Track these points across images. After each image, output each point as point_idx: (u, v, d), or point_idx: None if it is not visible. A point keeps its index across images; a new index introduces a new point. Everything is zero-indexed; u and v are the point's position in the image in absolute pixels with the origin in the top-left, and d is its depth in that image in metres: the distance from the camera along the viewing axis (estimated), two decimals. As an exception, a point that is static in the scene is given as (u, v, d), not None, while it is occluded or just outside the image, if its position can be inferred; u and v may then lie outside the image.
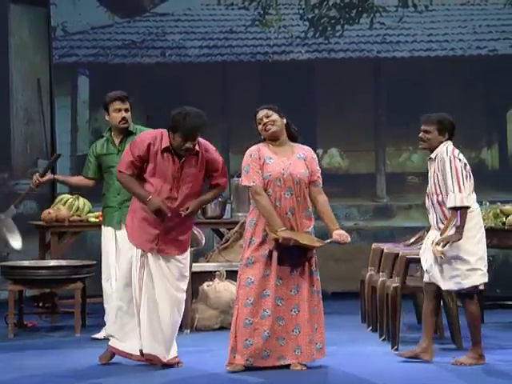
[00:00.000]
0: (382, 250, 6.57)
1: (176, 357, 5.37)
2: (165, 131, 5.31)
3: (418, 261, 6.24)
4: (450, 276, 5.31)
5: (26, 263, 6.83)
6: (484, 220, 6.90)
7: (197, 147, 5.31)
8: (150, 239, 5.31)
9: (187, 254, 5.46)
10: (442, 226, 5.31)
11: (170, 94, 8.94)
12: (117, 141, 6.16)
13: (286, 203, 5.19)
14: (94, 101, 9.03)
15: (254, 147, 5.35)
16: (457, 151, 5.40)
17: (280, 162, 5.23)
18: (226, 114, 9.03)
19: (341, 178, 9.05)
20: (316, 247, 5.24)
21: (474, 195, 5.41)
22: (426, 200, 5.49)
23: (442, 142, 5.43)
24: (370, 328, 6.66)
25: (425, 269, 5.46)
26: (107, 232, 6.16)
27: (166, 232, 5.30)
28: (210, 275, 6.88)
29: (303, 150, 5.35)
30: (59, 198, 7.47)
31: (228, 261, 7.36)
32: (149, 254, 5.33)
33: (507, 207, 6.73)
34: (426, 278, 5.50)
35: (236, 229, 7.62)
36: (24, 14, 8.94)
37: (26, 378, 5.18)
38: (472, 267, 5.28)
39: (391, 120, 9.18)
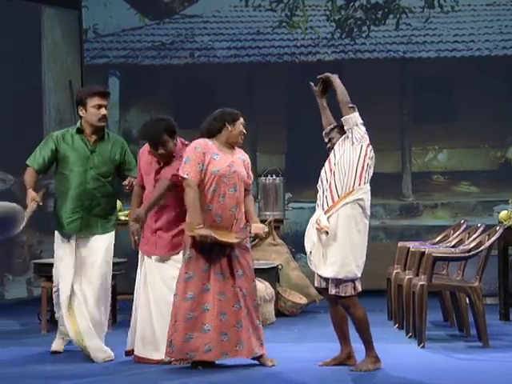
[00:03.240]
0: (408, 249, 6.62)
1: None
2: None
3: (444, 259, 6.30)
4: (328, 262, 5.09)
5: (58, 261, 6.93)
6: (510, 219, 6.96)
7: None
8: (144, 241, 5.47)
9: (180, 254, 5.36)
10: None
11: (198, 95, 9.03)
12: (90, 140, 5.57)
13: (231, 199, 5.24)
14: (124, 101, 9.14)
15: (201, 141, 5.29)
16: None
17: (225, 159, 5.28)
18: (254, 114, 9.09)
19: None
20: (234, 243, 5.23)
21: (368, 186, 5.21)
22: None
23: None
24: (397, 325, 6.69)
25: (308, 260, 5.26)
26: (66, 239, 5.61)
27: (152, 232, 5.43)
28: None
29: (241, 153, 5.44)
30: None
31: (256, 259, 7.44)
32: (145, 256, 5.49)
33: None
34: (317, 283, 5.29)
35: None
36: (56, 16, 9.06)
37: (58, 372, 5.27)
38: (346, 256, 5.05)
39: (417, 120, 9.20)
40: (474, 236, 6.26)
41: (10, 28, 8.55)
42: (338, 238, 5.10)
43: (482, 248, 5.98)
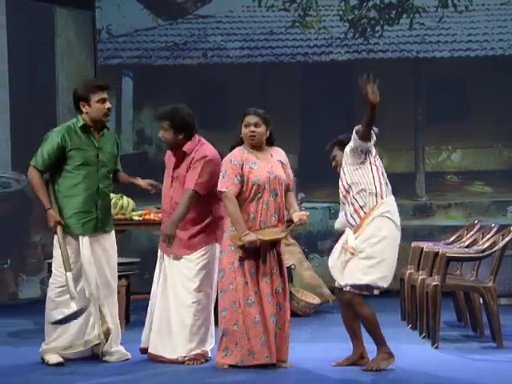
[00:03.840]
0: (422, 249, 6.61)
1: (185, 356, 5.40)
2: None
3: (457, 259, 6.28)
4: (349, 270, 5.10)
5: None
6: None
7: (187, 148, 5.42)
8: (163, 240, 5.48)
9: (197, 253, 5.42)
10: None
11: (211, 95, 9.05)
12: (96, 137, 5.40)
13: (273, 205, 5.28)
14: (137, 102, 9.17)
15: (237, 153, 5.31)
16: None
17: (264, 166, 5.31)
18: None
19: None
20: (282, 238, 5.29)
21: (392, 197, 5.25)
22: None
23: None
24: (410, 326, 6.69)
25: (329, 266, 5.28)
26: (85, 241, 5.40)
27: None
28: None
29: (278, 154, 5.43)
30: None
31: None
32: (164, 256, 5.51)
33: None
34: (336, 283, 5.28)
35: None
36: (70, 16, 9.09)
37: (70, 370, 5.28)
38: (373, 265, 5.07)
39: (430, 119, 9.18)
40: (488, 236, 6.25)
41: (24, 28, 8.59)
42: (366, 252, 5.11)
43: (495, 248, 5.96)
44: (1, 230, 8.36)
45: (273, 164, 5.34)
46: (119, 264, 6.72)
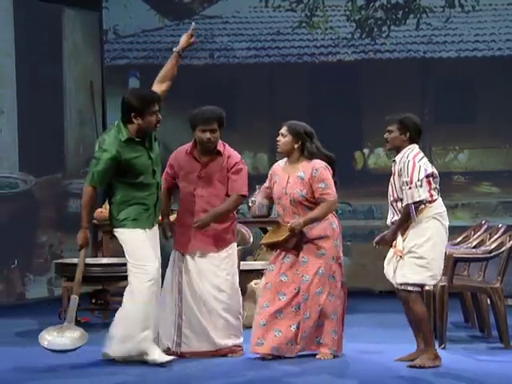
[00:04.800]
0: (429, 249, 6.58)
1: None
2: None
3: (465, 260, 6.26)
4: (399, 269, 5.22)
5: (79, 261, 6.97)
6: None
7: (220, 148, 5.61)
8: (187, 239, 5.57)
9: (225, 251, 5.61)
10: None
11: (218, 95, 9.04)
12: (148, 144, 5.46)
13: (289, 219, 5.49)
14: (144, 102, 9.16)
15: (278, 163, 5.70)
16: (420, 156, 5.30)
17: (282, 180, 5.57)
18: (274, 115, 9.09)
19: (387, 178, 9.00)
20: (280, 241, 5.47)
21: (440, 199, 5.31)
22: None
23: (403, 142, 5.33)
24: (417, 326, 6.68)
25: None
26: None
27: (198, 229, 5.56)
28: (257, 273, 6.96)
29: (306, 168, 5.52)
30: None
31: (265, 260, 7.43)
32: (187, 256, 5.60)
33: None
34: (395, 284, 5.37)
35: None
36: (77, 17, 9.10)
37: (78, 372, 5.29)
38: (423, 265, 5.18)
39: (438, 120, 9.16)
40: (496, 237, 6.23)
41: (31, 29, 8.60)
42: (413, 250, 5.20)
43: (503, 249, 5.95)
44: (8, 230, 8.38)
45: (292, 180, 5.52)
46: (125, 265, 6.74)
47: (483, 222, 7.02)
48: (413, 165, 5.20)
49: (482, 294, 6.23)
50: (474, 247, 6.44)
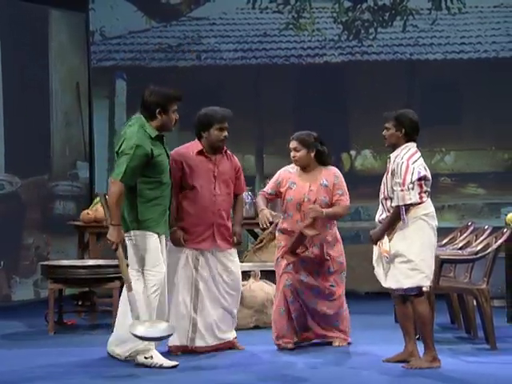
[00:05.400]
0: (416, 251, 6.58)
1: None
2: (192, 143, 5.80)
3: (451, 261, 6.27)
4: (391, 274, 5.24)
5: (65, 263, 6.95)
6: (517, 222, 6.93)
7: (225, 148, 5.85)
8: (204, 238, 5.72)
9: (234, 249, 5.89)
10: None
11: (205, 97, 9.02)
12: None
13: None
14: (131, 104, 9.13)
15: (286, 169, 5.94)
16: (415, 157, 5.28)
17: (302, 187, 5.77)
18: (260, 116, 9.10)
19: (374, 179, 9.00)
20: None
21: (429, 200, 5.31)
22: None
23: (399, 139, 5.32)
24: (404, 328, 6.67)
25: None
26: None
27: (218, 227, 5.74)
28: (244, 275, 6.96)
29: (327, 176, 5.80)
30: (97, 198, 7.53)
31: (262, 261, 7.42)
32: (200, 253, 5.74)
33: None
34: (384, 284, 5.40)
35: (270, 229, 7.68)
36: (63, 18, 9.06)
37: (65, 374, 5.27)
38: (414, 268, 5.19)
39: (424, 122, 9.08)
40: (482, 238, 6.25)
41: (17, 31, 8.56)
42: (402, 253, 5.21)
43: (489, 250, 5.96)
44: (-6, 232, 8.35)
45: (315, 188, 5.73)
46: (112, 266, 6.72)
47: (469, 223, 7.04)
48: (406, 167, 5.20)
49: (468, 295, 6.24)
50: (461, 248, 6.46)
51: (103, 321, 6.98)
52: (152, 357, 5.33)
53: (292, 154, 5.84)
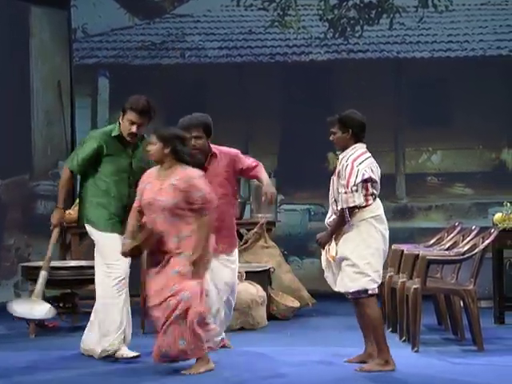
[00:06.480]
0: (402, 251, 6.55)
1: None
2: None
3: (438, 262, 6.23)
4: (340, 278, 5.26)
5: (46, 264, 6.86)
6: (505, 221, 6.90)
7: (215, 151, 5.79)
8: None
9: (235, 252, 5.91)
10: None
11: (189, 95, 8.96)
12: (130, 145, 5.75)
13: (159, 226, 5.26)
14: (114, 102, 9.05)
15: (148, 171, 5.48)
16: (361, 159, 5.23)
17: (154, 187, 5.35)
18: (245, 115, 9.03)
19: (360, 179, 9.02)
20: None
21: (378, 201, 5.27)
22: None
23: (348, 140, 5.28)
24: (390, 329, 6.62)
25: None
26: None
27: (217, 231, 5.61)
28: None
29: (179, 176, 5.31)
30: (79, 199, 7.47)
31: (247, 262, 7.37)
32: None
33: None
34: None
35: (255, 230, 7.64)
36: (45, 16, 8.98)
37: (47, 377, 5.22)
38: (359, 271, 5.19)
39: (411, 121, 9.14)
40: (468, 239, 6.22)
41: (-3, 28, 8.48)
42: (347, 257, 5.20)
43: (476, 251, 5.94)
44: (-26, 233, 8.25)
45: (164, 187, 5.30)
46: (94, 267, 6.63)
47: (456, 223, 7.00)
48: (350, 169, 5.17)
49: (455, 296, 6.21)
50: (447, 249, 6.44)
51: (85, 323, 6.88)
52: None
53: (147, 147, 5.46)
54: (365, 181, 5.15)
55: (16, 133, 8.63)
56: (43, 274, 5.62)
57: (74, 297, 6.94)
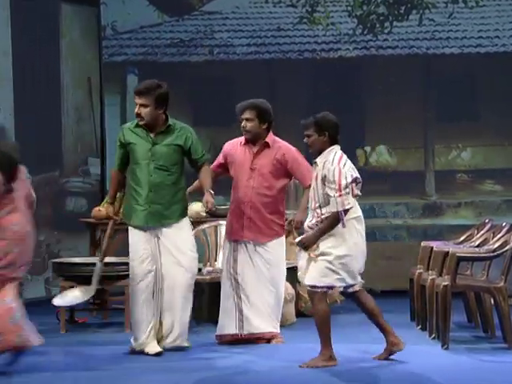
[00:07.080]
0: (432, 248, 6.52)
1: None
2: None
3: (468, 259, 6.20)
4: (311, 270, 5.28)
5: (76, 260, 6.92)
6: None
7: (269, 140, 5.94)
8: (239, 229, 5.86)
9: (273, 242, 5.94)
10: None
11: (217, 92, 8.97)
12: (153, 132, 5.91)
13: None
14: (143, 99, 9.07)
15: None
16: (343, 161, 5.26)
17: None
18: (274, 112, 8.98)
19: (389, 176, 8.98)
20: None
21: (356, 203, 5.30)
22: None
23: (325, 143, 5.31)
24: (420, 327, 6.61)
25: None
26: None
27: (250, 220, 5.80)
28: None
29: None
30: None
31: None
32: (244, 243, 5.88)
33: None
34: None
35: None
36: (75, 13, 9.03)
37: (77, 372, 5.25)
38: (333, 269, 5.21)
39: (440, 117, 9.08)
40: (499, 235, 6.17)
41: (28, 26, 8.53)
42: (325, 253, 5.25)
43: (507, 248, 5.89)
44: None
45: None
46: (124, 264, 6.67)
47: (487, 220, 6.95)
48: (339, 171, 5.20)
49: (485, 293, 6.17)
50: (478, 246, 6.39)
51: (115, 319, 6.95)
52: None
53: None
54: (352, 181, 5.23)
55: (46, 130, 8.69)
56: (100, 264, 5.92)
57: (103, 293, 6.96)
